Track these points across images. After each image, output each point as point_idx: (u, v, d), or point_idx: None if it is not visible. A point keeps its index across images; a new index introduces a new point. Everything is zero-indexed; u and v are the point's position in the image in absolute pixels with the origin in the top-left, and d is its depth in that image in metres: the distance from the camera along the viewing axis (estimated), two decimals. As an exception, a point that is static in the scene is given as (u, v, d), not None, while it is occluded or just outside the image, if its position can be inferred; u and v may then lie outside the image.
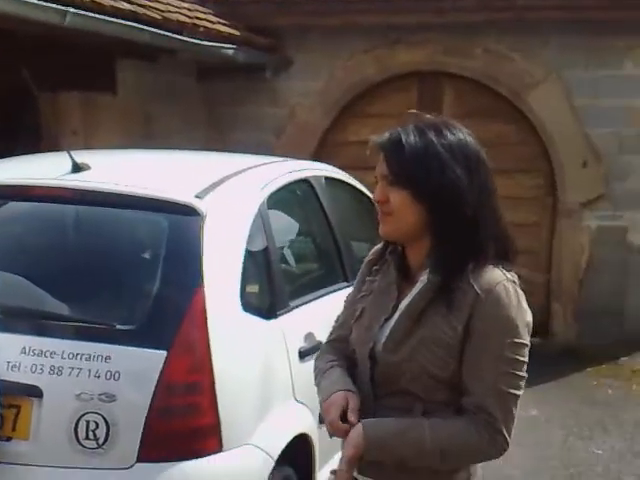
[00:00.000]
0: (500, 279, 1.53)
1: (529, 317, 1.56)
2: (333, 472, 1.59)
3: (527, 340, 1.54)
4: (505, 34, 6.15)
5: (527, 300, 1.57)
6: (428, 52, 6.30)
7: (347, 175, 3.88)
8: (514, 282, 1.55)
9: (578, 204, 6.29)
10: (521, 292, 1.56)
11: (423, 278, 1.56)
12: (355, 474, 1.58)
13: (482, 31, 6.14)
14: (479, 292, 1.51)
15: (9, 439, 2.19)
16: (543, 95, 6.22)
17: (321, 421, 1.69)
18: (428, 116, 1.62)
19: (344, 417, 1.55)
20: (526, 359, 1.54)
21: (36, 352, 2.19)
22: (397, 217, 1.56)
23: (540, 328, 6.46)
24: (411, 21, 6.14)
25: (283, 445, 2.46)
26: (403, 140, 1.55)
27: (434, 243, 1.56)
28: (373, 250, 1.75)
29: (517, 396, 1.53)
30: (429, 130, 1.56)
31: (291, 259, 3.14)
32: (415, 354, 1.53)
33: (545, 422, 4.77)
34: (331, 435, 1.59)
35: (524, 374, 1.54)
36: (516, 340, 1.51)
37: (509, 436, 1.53)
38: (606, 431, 4.67)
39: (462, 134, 1.58)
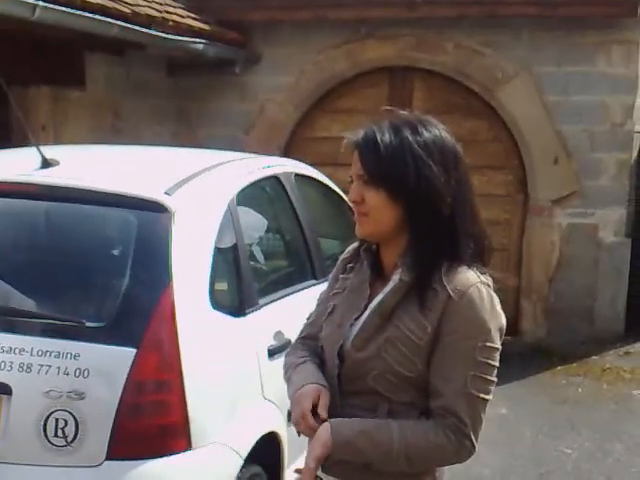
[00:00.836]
0: (474, 281, 1.51)
1: (502, 321, 1.55)
2: (298, 471, 1.58)
3: (499, 344, 1.53)
4: (476, 29, 6.16)
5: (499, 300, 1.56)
6: (399, 47, 6.32)
7: (317, 172, 3.90)
8: (488, 285, 1.53)
9: (549, 201, 6.31)
10: (495, 295, 1.55)
11: (395, 277, 1.55)
12: (319, 473, 1.57)
13: (453, 26, 6.16)
14: (452, 293, 1.49)
15: (-23, 437, 2.18)
16: (514, 91, 6.25)
17: (290, 419, 1.68)
18: (402, 112, 1.59)
19: (314, 411, 1.53)
20: (497, 363, 1.53)
21: (5, 349, 2.19)
22: (374, 217, 1.54)
23: (510, 326, 6.43)
24: (382, 16, 6.13)
25: (252, 443, 2.47)
26: (378, 139, 1.52)
27: (410, 242, 1.54)
28: (349, 248, 1.73)
29: (486, 400, 1.52)
30: (404, 127, 1.53)
31: (260, 257, 3.15)
32: (382, 352, 1.52)
33: (515, 421, 4.78)
34: (298, 431, 1.57)
35: (494, 379, 1.53)
36: (488, 344, 1.50)
37: (476, 440, 1.52)
38: (576, 430, 4.68)
39: (438, 130, 1.55)
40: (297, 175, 3.54)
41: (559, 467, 4.20)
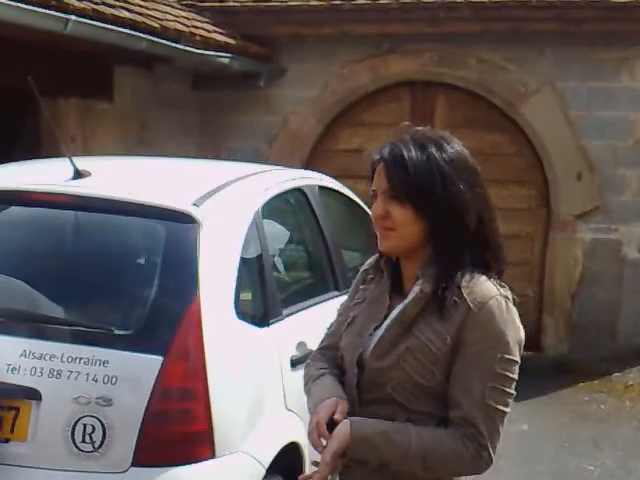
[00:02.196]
0: (494, 293, 1.53)
1: (521, 334, 1.56)
2: (315, 463, 1.59)
3: (518, 357, 1.54)
4: (500, 44, 6.18)
5: (519, 314, 1.58)
6: (421, 62, 6.35)
7: (340, 184, 3.94)
8: (507, 297, 1.55)
9: (572, 216, 6.28)
10: (514, 308, 1.57)
11: (416, 288, 1.57)
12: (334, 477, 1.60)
13: (476, 41, 6.18)
14: (471, 306, 1.51)
15: (7, 441, 2.22)
16: (538, 106, 6.25)
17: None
18: (421, 129, 1.62)
19: (330, 423, 1.55)
20: (516, 376, 1.55)
21: (36, 355, 2.23)
22: (399, 232, 1.57)
23: (532, 342, 6.38)
24: (405, 31, 6.18)
25: (274, 453, 2.50)
26: (405, 155, 1.55)
27: (432, 255, 1.57)
28: (369, 260, 1.76)
29: (505, 413, 1.54)
30: (429, 144, 1.56)
31: (284, 268, 3.18)
32: (401, 362, 1.54)
33: (536, 437, 4.74)
34: (313, 441, 1.58)
35: (513, 391, 1.54)
36: (507, 356, 1.52)
37: (494, 452, 1.53)
38: (598, 447, 4.62)
39: (459, 147, 1.59)
40: (320, 187, 3.58)
41: (581, 484, 4.17)
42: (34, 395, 2.22)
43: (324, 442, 1.56)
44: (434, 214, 1.55)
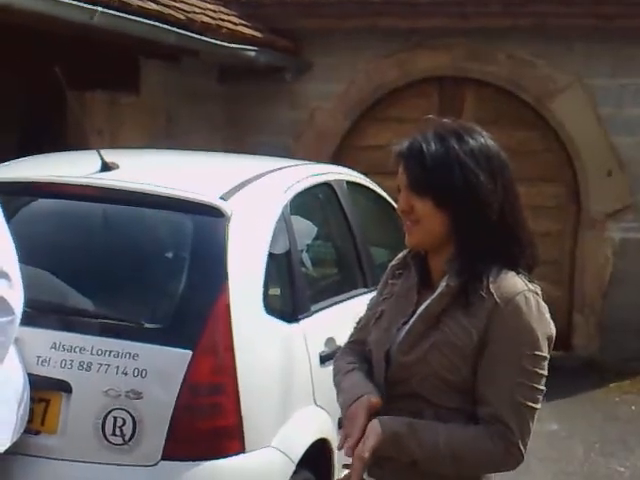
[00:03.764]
0: (521, 289, 1.52)
1: (550, 329, 1.54)
2: (346, 466, 1.57)
3: (546, 353, 1.53)
4: (529, 40, 6.11)
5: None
6: (450, 57, 6.29)
7: (368, 180, 3.91)
8: (536, 293, 1.54)
9: (602, 214, 6.21)
10: (543, 303, 1.55)
11: (443, 283, 1.56)
12: (365, 475, 1.58)
13: (506, 36, 6.12)
14: (498, 301, 1.50)
15: (38, 433, 2.23)
16: (567, 102, 6.18)
17: (341, 426, 1.69)
18: (446, 121, 1.61)
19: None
20: (545, 372, 1.53)
21: (66, 348, 2.24)
22: (423, 226, 1.56)
23: (562, 341, 6.38)
24: (433, 25, 6.13)
25: (304, 449, 2.49)
26: (424, 148, 1.54)
27: (457, 248, 1.56)
28: (399, 255, 1.75)
29: (535, 409, 1.52)
30: (450, 136, 1.55)
31: (312, 263, 3.16)
32: (427, 356, 1.54)
33: (566, 437, 4.71)
34: (343, 441, 1.54)
35: (543, 387, 1.53)
36: (536, 352, 1.50)
37: (524, 449, 1.52)
38: (628, 448, 4.58)
39: (483, 138, 1.57)
40: (349, 182, 3.55)
41: (611, 485, 4.14)
42: (64, 387, 2.23)
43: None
44: (454, 207, 1.54)
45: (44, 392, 2.24)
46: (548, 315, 1.55)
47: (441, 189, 1.53)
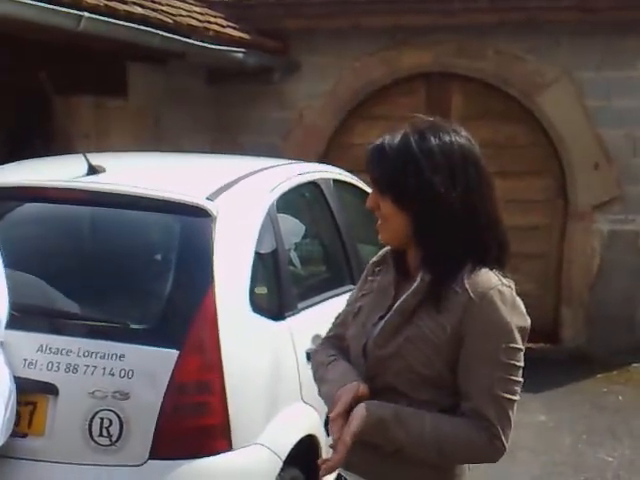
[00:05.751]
0: (495, 283, 1.54)
1: (524, 322, 1.56)
2: (332, 447, 1.57)
3: (521, 345, 1.54)
4: (516, 35, 6.12)
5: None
6: (436, 54, 6.30)
7: (355, 178, 3.92)
8: (510, 287, 1.55)
9: (590, 207, 6.22)
10: (517, 298, 1.56)
11: (418, 278, 1.58)
12: (341, 471, 1.60)
13: (493, 32, 6.12)
14: (472, 295, 1.52)
15: (25, 435, 2.24)
16: (555, 96, 6.19)
17: (327, 424, 1.70)
18: (421, 119, 1.61)
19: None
20: (522, 364, 1.55)
21: (52, 350, 2.25)
22: (390, 224, 1.58)
23: (550, 333, 6.34)
24: (419, 22, 6.13)
25: (291, 445, 2.50)
26: (386, 147, 1.56)
27: (427, 246, 1.57)
28: (380, 252, 1.76)
29: (513, 401, 1.54)
30: (413, 135, 1.56)
31: (299, 261, 3.18)
32: (401, 350, 1.55)
33: (554, 428, 4.72)
34: (336, 427, 1.54)
35: (520, 379, 1.55)
36: (511, 345, 1.52)
37: (507, 441, 1.54)
38: (616, 438, 4.61)
39: (449, 136, 1.56)
40: (336, 181, 3.57)
41: (599, 475, 4.15)
42: (51, 390, 2.24)
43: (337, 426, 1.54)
44: (410, 204, 1.55)
45: (31, 395, 2.24)
46: (523, 308, 1.57)
47: (397, 189, 1.55)
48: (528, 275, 1.67)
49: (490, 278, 1.55)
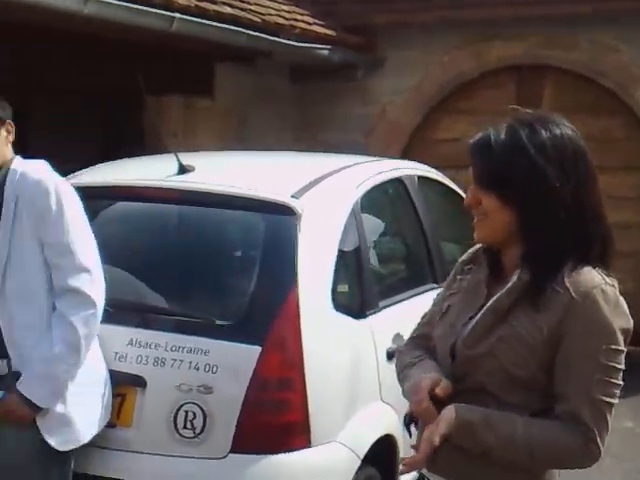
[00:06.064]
0: (598, 282, 1.48)
1: (627, 323, 1.51)
2: (415, 447, 1.56)
3: (623, 346, 1.49)
4: (610, 25, 5.90)
5: (631, 305, 1.51)
6: (527, 45, 6.15)
7: (440, 174, 3.87)
8: (613, 286, 1.51)
9: (686, 205, 5.97)
10: (621, 297, 1.51)
11: (514, 277, 1.53)
12: (425, 472, 1.58)
13: (586, 22, 5.92)
14: (574, 295, 1.46)
15: (113, 426, 2.32)
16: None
17: (405, 423, 1.68)
18: (526, 112, 1.57)
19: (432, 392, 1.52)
20: (622, 366, 1.50)
21: (142, 344, 2.33)
22: (490, 221, 1.53)
23: (638, 335, 6.19)
24: (508, 14, 5.99)
25: (369, 444, 2.50)
26: (492, 141, 1.51)
27: (529, 244, 1.52)
28: (470, 250, 1.72)
29: (612, 404, 1.49)
30: (522, 128, 1.50)
31: (382, 259, 3.16)
32: (494, 350, 1.51)
33: (641, 435, 4.57)
34: (418, 410, 1.53)
35: (620, 382, 1.50)
36: (613, 346, 1.47)
37: (602, 445, 1.49)
38: None
39: (559, 129, 1.51)
40: (420, 177, 3.53)
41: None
42: (139, 382, 2.32)
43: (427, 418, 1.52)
44: (520, 201, 1.50)
45: (121, 387, 2.33)
46: (626, 309, 1.51)
47: (504, 184, 1.50)
48: (619, 274, 1.60)
49: (593, 277, 1.50)
